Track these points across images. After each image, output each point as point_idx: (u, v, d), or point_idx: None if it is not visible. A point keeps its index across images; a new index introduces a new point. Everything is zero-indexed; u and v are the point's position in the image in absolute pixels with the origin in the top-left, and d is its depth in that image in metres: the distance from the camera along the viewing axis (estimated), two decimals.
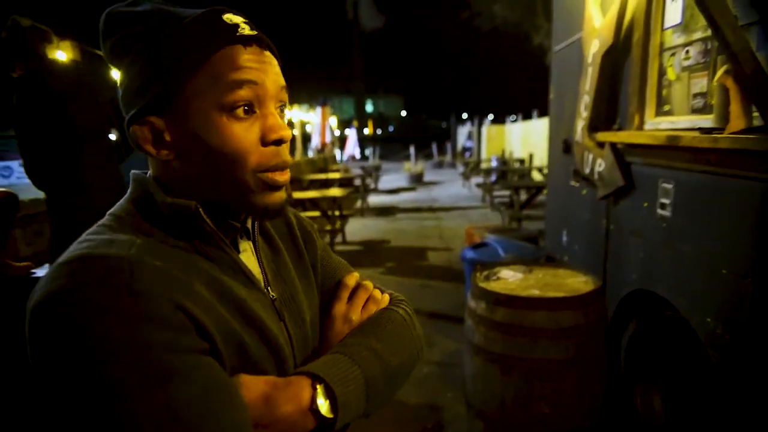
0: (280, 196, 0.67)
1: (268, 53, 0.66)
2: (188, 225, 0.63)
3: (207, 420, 0.52)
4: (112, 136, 2.77)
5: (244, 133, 0.62)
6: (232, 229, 0.69)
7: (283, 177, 0.66)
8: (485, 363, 2.06)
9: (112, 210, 0.65)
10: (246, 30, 0.63)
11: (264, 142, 0.64)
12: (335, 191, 6.97)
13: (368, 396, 0.68)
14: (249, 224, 0.73)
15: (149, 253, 0.57)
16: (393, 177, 17.03)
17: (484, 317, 2.06)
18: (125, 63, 0.63)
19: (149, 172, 0.68)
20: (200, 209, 0.62)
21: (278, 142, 0.65)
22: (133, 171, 0.68)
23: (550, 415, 1.96)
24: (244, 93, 0.62)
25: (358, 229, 7.92)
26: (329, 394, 0.64)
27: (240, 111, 0.62)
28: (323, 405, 0.63)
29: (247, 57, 0.62)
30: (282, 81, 0.67)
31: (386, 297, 0.84)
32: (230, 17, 0.63)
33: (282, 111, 0.68)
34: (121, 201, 0.66)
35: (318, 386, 0.64)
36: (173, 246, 0.62)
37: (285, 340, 0.70)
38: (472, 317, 2.14)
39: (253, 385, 0.61)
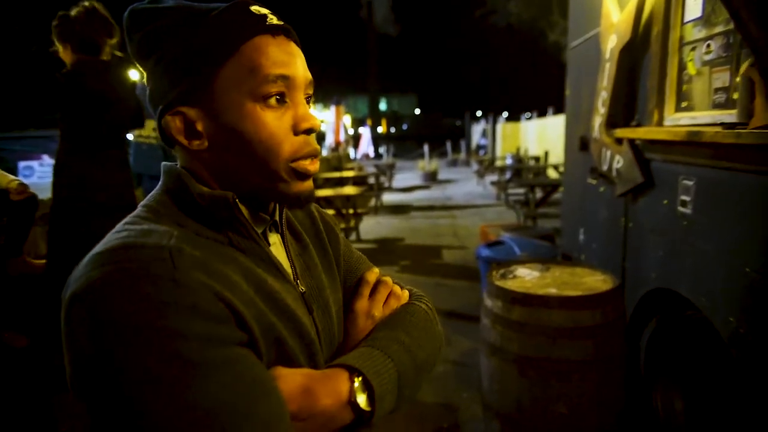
0: (310, 185, 0.68)
1: (294, 44, 0.67)
2: (222, 216, 0.63)
3: (245, 413, 0.51)
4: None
5: (276, 121, 0.63)
6: (263, 221, 0.70)
7: (314, 166, 0.68)
8: (502, 363, 2.04)
9: (145, 201, 0.66)
10: (274, 20, 0.65)
11: (296, 131, 0.65)
12: (349, 189, 6.98)
13: (400, 389, 0.68)
14: (277, 217, 0.74)
15: (188, 243, 0.57)
16: (407, 175, 16.99)
17: (500, 316, 2.04)
18: (153, 58, 0.64)
19: (179, 163, 0.68)
20: (237, 200, 0.63)
21: (309, 131, 0.66)
22: (164, 163, 0.69)
23: (569, 416, 1.94)
24: (277, 86, 0.63)
25: (372, 227, 7.92)
26: (367, 387, 0.64)
27: (273, 100, 0.63)
28: (362, 398, 0.63)
29: (277, 48, 0.63)
30: (309, 75, 0.68)
31: (406, 293, 0.85)
32: (257, 8, 0.65)
33: (308, 103, 0.69)
34: (154, 192, 0.67)
35: (356, 379, 0.64)
36: (208, 237, 0.62)
37: (315, 334, 0.70)
38: (488, 316, 2.12)
39: (291, 378, 0.61)
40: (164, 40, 0.63)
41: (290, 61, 0.64)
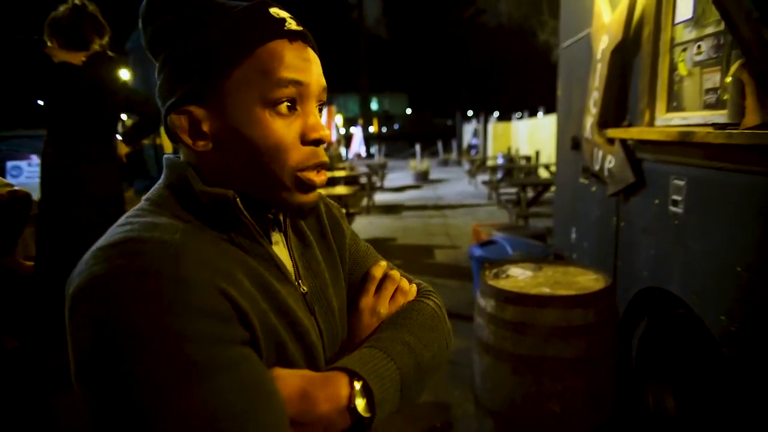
0: (314, 196, 0.67)
1: (311, 50, 0.65)
2: (225, 215, 0.62)
3: (247, 417, 0.51)
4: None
5: (285, 129, 0.62)
6: (266, 220, 0.69)
7: (321, 177, 0.66)
8: (495, 361, 2.05)
9: (147, 195, 0.65)
10: (293, 25, 0.63)
11: (304, 140, 0.64)
12: (341, 189, 6.95)
13: (402, 392, 0.66)
14: (280, 216, 0.73)
15: (192, 238, 0.57)
16: (399, 175, 16.98)
17: (493, 315, 2.05)
18: (166, 51, 0.63)
19: (182, 157, 0.67)
20: (238, 200, 0.62)
21: (318, 141, 0.64)
22: (166, 156, 0.67)
23: (561, 414, 1.95)
24: (289, 91, 0.62)
25: (364, 227, 7.91)
26: (366, 392, 0.62)
27: (283, 107, 0.62)
28: (361, 403, 0.61)
29: (293, 53, 0.62)
30: (323, 81, 0.67)
31: (413, 288, 0.83)
32: (277, 11, 0.63)
33: (320, 111, 0.68)
34: (156, 186, 0.66)
35: (356, 383, 0.62)
36: (210, 235, 0.61)
37: (317, 336, 0.69)
38: (481, 315, 2.13)
39: (290, 381, 0.60)
40: (178, 34, 0.62)
41: (305, 66, 0.63)
